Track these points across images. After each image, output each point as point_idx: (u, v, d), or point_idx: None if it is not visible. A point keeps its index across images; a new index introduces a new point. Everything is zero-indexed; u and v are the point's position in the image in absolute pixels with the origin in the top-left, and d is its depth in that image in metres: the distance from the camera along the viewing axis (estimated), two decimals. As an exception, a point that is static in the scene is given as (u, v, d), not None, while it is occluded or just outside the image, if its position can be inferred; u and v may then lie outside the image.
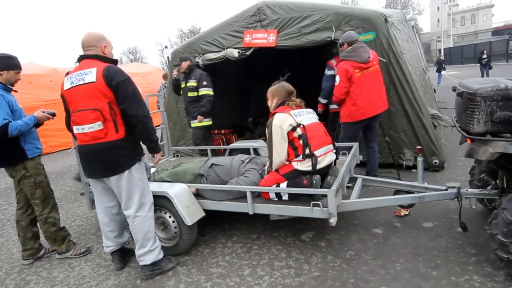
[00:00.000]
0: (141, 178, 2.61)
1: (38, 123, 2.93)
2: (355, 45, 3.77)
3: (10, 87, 2.93)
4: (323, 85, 4.58)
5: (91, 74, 2.37)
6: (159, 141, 2.76)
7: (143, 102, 2.51)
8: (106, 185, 2.63)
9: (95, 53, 2.50)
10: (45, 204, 3.04)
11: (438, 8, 59.27)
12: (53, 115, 3.00)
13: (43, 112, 2.95)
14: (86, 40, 2.52)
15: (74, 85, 2.41)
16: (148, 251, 2.64)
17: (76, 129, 2.46)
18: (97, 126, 2.37)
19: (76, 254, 3.17)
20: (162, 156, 4.87)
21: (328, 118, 5.07)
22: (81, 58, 2.51)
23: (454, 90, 2.58)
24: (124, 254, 2.95)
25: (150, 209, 2.67)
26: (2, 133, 2.67)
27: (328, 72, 4.57)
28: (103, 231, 2.80)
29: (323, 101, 4.65)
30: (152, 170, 3.66)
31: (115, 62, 2.58)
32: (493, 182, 2.76)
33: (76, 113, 2.42)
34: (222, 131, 6.40)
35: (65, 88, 2.48)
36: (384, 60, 4.19)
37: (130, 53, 58.28)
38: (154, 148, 2.69)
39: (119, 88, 2.37)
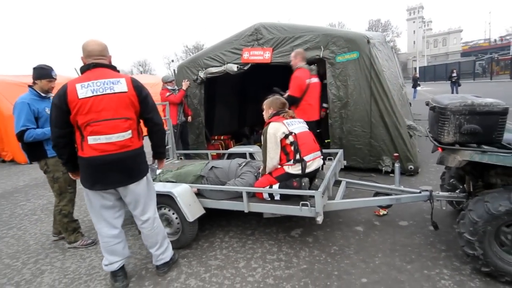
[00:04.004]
0: (152, 181, 2.53)
1: None
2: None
3: (44, 94, 2.99)
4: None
5: (120, 84, 2.15)
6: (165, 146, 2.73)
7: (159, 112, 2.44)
8: (117, 196, 2.35)
9: (106, 63, 2.25)
10: (61, 197, 3.09)
11: (414, 31, 60.32)
12: None
13: None
14: (98, 49, 2.21)
15: (99, 93, 2.08)
16: (166, 249, 2.54)
17: (95, 139, 2.10)
18: (127, 134, 2.17)
19: (83, 245, 3.17)
20: (167, 159, 4.86)
21: (322, 122, 5.19)
22: (94, 66, 2.16)
23: (427, 104, 2.60)
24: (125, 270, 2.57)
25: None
26: (19, 137, 2.79)
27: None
28: (110, 246, 2.39)
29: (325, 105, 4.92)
30: (158, 171, 3.64)
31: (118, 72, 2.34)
32: (461, 186, 2.79)
33: (101, 123, 2.09)
34: (222, 137, 6.41)
35: (81, 96, 2.06)
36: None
37: (140, 65, 58.34)
38: (163, 154, 2.60)
39: (147, 98, 2.28)
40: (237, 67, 5.18)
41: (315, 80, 4.21)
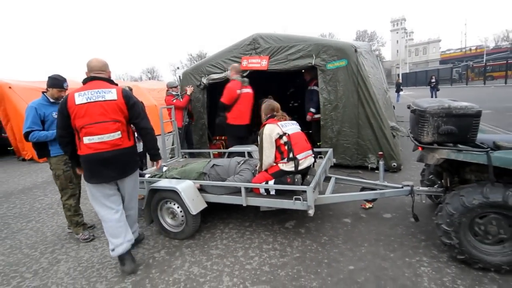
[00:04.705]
0: (138, 179, 2.70)
1: None
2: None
3: (53, 101, 3.00)
4: (314, 98, 4.81)
5: (111, 93, 2.32)
6: (171, 145, 2.73)
7: (148, 118, 2.53)
8: (116, 187, 2.50)
9: (104, 76, 2.42)
10: (63, 193, 3.11)
11: (397, 41, 60.51)
12: None
13: None
14: (98, 65, 2.41)
15: (92, 100, 2.27)
16: (136, 230, 2.82)
17: (89, 139, 2.27)
18: (117, 135, 2.33)
19: (82, 239, 3.12)
20: (172, 157, 4.84)
21: (312, 126, 5.13)
22: (91, 79, 2.37)
23: (408, 107, 2.61)
24: (131, 255, 2.54)
25: None
26: (25, 137, 2.86)
27: (314, 87, 4.86)
28: (113, 230, 2.42)
29: (313, 110, 4.89)
30: (164, 168, 3.63)
31: (117, 85, 2.48)
32: (439, 182, 2.80)
33: (93, 125, 2.26)
34: (223, 137, 6.38)
35: (77, 103, 2.26)
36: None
37: (148, 72, 58.21)
38: (157, 156, 2.67)
39: (134, 106, 2.41)
40: (237, 73, 5.15)
41: (247, 90, 4.48)
